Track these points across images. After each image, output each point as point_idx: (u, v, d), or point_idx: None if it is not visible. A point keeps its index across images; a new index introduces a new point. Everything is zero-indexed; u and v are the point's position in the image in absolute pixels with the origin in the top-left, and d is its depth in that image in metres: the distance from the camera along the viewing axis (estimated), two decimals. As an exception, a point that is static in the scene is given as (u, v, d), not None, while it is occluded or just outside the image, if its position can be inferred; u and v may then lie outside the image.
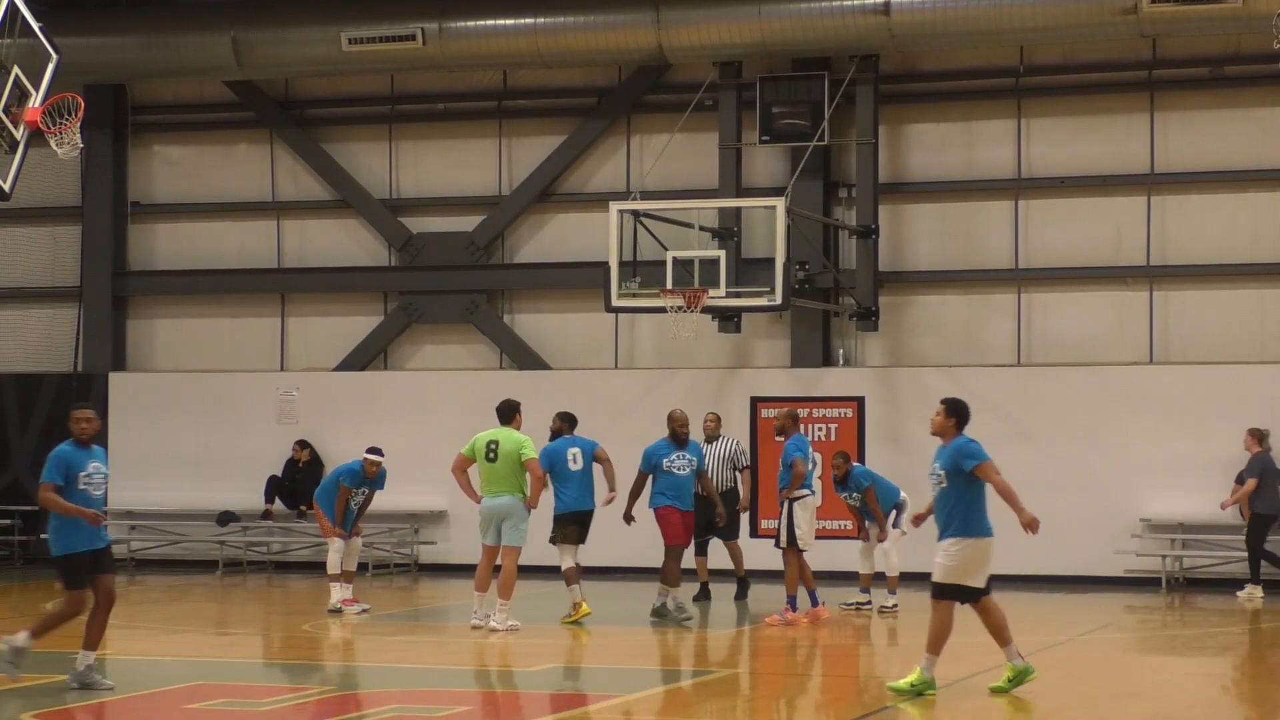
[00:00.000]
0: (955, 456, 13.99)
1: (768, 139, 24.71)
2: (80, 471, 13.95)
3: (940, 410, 14.24)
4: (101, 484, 14.12)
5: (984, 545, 14.03)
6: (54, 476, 13.89)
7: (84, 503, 13.94)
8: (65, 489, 13.89)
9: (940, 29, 23.47)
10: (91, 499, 14.01)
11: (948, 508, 13.97)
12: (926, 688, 13.83)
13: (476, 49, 25.06)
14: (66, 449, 14.04)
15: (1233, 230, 24.24)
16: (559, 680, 15.41)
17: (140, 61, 26.18)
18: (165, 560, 26.86)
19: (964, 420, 14.21)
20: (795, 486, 19.00)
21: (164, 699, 13.96)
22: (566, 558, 19.11)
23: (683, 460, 19.46)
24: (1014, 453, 23.98)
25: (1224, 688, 15.37)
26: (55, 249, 28.20)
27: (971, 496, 13.97)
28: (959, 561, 13.93)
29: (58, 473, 13.89)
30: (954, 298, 25.18)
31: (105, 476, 14.22)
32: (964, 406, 14.30)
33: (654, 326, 25.34)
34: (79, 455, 14.03)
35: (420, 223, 26.96)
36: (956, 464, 13.97)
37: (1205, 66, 24.36)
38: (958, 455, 13.99)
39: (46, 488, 13.88)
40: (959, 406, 14.27)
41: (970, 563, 13.97)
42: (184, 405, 26.92)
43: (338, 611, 19.84)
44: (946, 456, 14.03)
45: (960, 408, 14.26)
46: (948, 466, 13.98)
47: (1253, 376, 23.66)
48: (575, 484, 19.05)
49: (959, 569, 13.94)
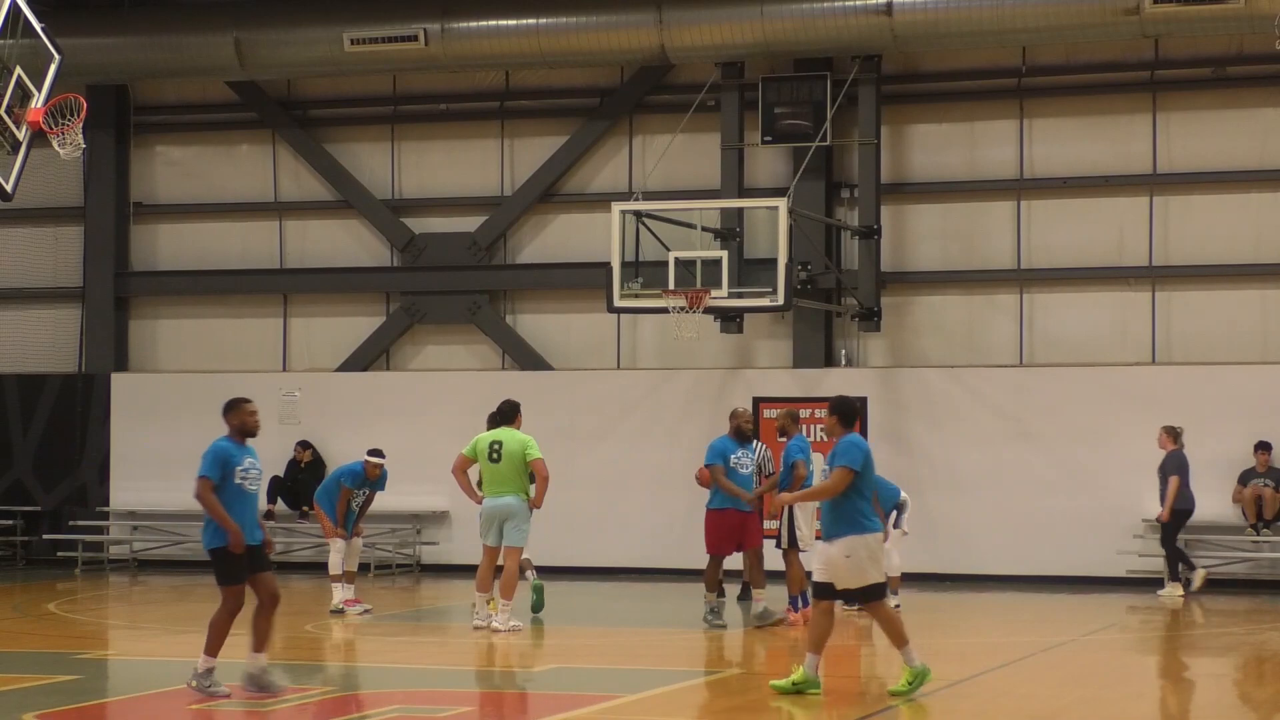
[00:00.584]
0: (836, 454, 13.84)
1: (770, 139, 24.71)
2: (237, 466, 13.73)
3: (827, 410, 14.14)
4: (257, 479, 13.90)
5: (875, 540, 13.85)
6: (211, 472, 13.65)
7: (239, 497, 13.71)
8: (222, 484, 13.66)
9: (942, 29, 23.46)
10: (247, 494, 13.81)
11: (828, 508, 13.81)
12: (809, 686, 13.73)
13: (479, 49, 25.06)
14: (225, 444, 13.80)
15: (1235, 231, 24.24)
16: (560, 680, 15.40)
17: (142, 62, 26.18)
18: (167, 560, 26.86)
19: (849, 418, 14.01)
20: (795, 488, 19.00)
21: (166, 699, 13.96)
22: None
23: (747, 458, 18.97)
24: (1016, 453, 24.08)
25: (1226, 689, 15.36)
26: (57, 249, 28.21)
27: (850, 497, 13.75)
28: (861, 562, 13.72)
29: (215, 468, 13.66)
30: (956, 298, 25.18)
31: (260, 472, 14.01)
32: (849, 404, 14.16)
33: (656, 327, 25.35)
34: (236, 450, 13.81)
35: (422, 223, 26.96)
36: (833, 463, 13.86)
37: (1208, 67, 24.36)
38: (837, 452, 13.84)
39: (204, 483, 13.63)
40: (843, 404, 14.11)
41: (864, 561, 13.77)
42: (186, 406, 26.89)
43: (340, 612, 19.85)
44: (832, 455, 13.89)
45: (844, 405, 14.10)
46: (832, 464, 13.85)
47: (1255, 377, 23.66)
48: None
49: (860, 569, 13.74)
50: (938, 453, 24.28)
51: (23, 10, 17.61)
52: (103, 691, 14.90)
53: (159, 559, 26.95)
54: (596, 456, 25.14)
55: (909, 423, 24.39)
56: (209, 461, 13.70)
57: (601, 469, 25.08)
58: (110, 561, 26.92)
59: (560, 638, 18.43)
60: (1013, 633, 19.25)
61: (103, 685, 15.37)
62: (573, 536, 24.66)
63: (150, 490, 26.87)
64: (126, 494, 27.07)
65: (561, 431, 24.51)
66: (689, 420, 24.79)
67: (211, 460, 13.71)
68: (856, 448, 13.86)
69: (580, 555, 24.78)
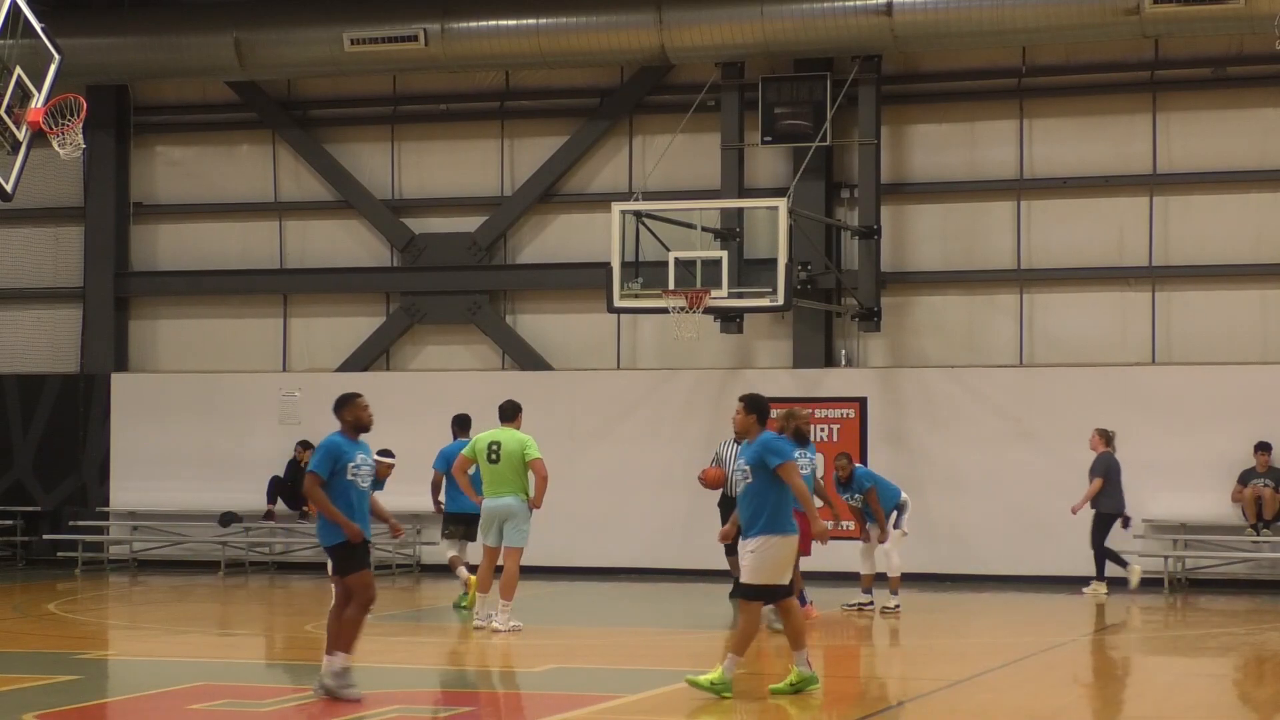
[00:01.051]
0: (761, 452, 13.66)
1: (770, 139, 24.71)
2: (349, 462, 13.59)
3: (740, 408, 13.91)
4: (369, 475, 13.75)
5: (790, 543, 13.72)
6: (320, 468, 13.50)
7: (348, 493, 13.52)
8: (333, 480, 13.50)
9: (942, 29, 23.46)
10: (360, 490, 13.64)
11: (754, 504, 13.62)
12: (724, 689, 13.57)
13: (479, 49, 25.06)
14: (337, 439, 13.68)
15: (1235, 231, 24.24)
16: (560, 680, 15.40)
17: (142, 62, 26.18)
18: (168, 561, 26.86)
19: (765, 416, 13.86)
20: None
21: (167, 699, 13.96)
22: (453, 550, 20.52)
23: (808, 461, 18.27)
24: (1016, 453, 24.08)
25: (1226, 689, 15.36)
26: (57, 250, 28.21)
27: (778, 493, 13.63)
28: (768, 560, 13.60)
29: (324, 464, 13.51)
30: (956, 298, 25.18)
31: (372, 468, 13.85)
32: (764, 402, 13.97)
33: (656, 327, 25.35)
34: (349, 446, 13.69)
35: (422, 223, 26.96)
36: (762, 459, 13.64)
37: (1208, 67, 24.36)
38: (764, 451, 13.66)
39: (314, 479, 13.48)
40: (758, 402, 13.93)
41: (780, 561, 13.66)
42: (186, 406, 26.92)
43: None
44: (751, 452, 13.70)
45: (760, 403, 13.92)
46: (753, 461, 13.64)
47: (1255, 377, 23.66)
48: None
49: (769, 568, 13.63)
50: (938, 453, 24.29)
51: (23, 10, 17.61)
52: (103, 692, 14.89)
53: (159, 559, 26.96)
54: (596, 457, 25.14)
55: (909, 423, 24.40)
56: (319, 458, 13.53)
57: (601, 469, 25.08)
58: (110, 562, 26.92)
59: (560, 638, 18.42)
60: (1013, 633, 19.25)
61: (103, 685, 15.36)
62: (572, 537, 24.66)
63: (150, 490, 26.89)
64: (126, 494, 27.07)
65: (561, 432, 24.51)
66: (689, 420, 24.80)
67: (322, 456, 13.53)
68: (784, 442, 13.80)
69: (580, 555, 24.78)
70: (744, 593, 13.82)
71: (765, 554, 13.60)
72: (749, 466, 13.68)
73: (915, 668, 16.65)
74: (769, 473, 13.62)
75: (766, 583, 13.68)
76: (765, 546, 13.58)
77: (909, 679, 15.91)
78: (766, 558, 13.60)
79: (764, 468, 13.62)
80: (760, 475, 13.62)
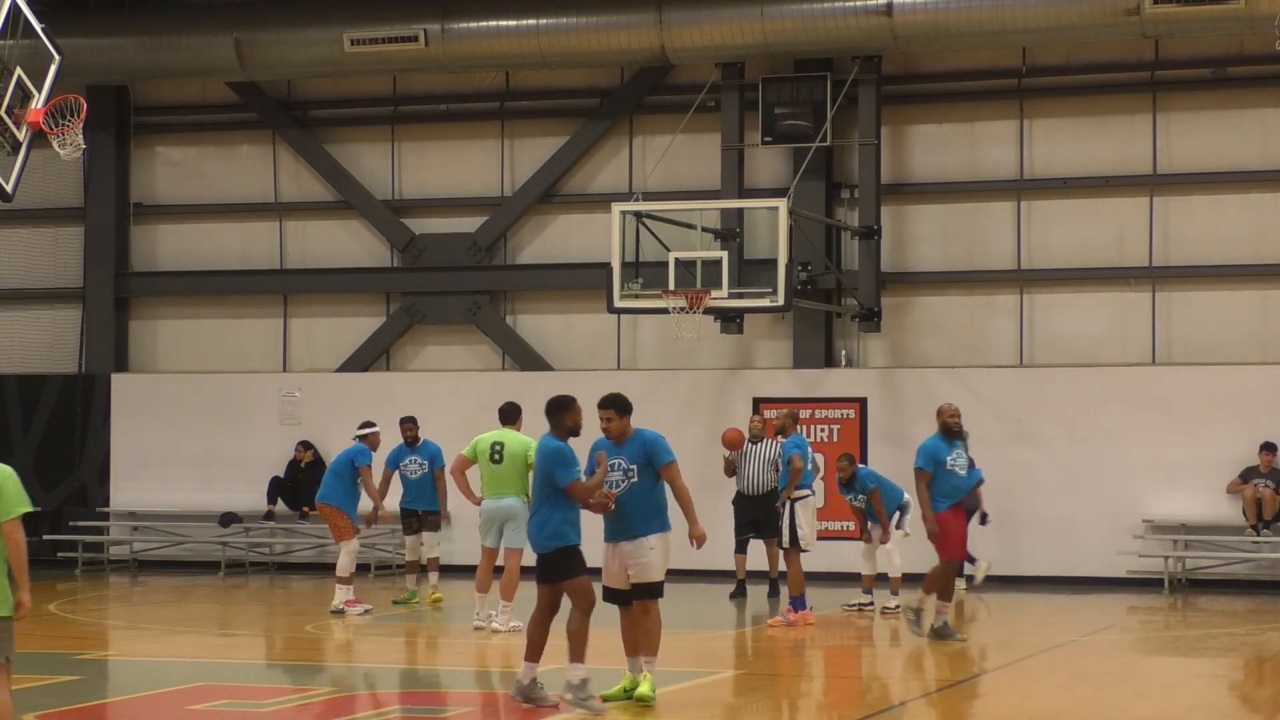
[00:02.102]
0: (650, 450, 13.39)
1: (770, 140, 24.71)
2: (576, 465, 13.29)
3: (610, 414, 13.56)
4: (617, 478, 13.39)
5: (669, 542, 13.50)
6: (573, 472, 13.14)
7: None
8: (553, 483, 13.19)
9: (942, 30, 23.46)
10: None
11: (643, 503, 13.31)
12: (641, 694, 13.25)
13: (479, 50, 25.06)
14: (555, 443, 13.29)
15: (1236, 231, 24.24)
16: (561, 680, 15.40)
17: (143, 62, 26.18)
18: (168, 561, 26.86)
19: (630, 412, 13.64)
20: (794, 483, 19.07)
21: (167, 700, 13.96)
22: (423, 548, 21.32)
23: (961, 458, 17.59)
24: (1016, 453, 24.06)
25: (1227, 689, 15.36)
26: (57, 250, 28.21)
27: (661, 490, 13.44)
28: (662, 559, 13.34)
29: (568, 468, 13.16)
30: (956, 298, 25.18)
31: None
32: (627, 400, 13.75)
33: (656, 327, 25.34)
34: (569, 451, 13.29)
35: (422, 224, 26.96)
36: (650, 457, 13.38)
37: (1208, 67, 24.35)
38: (653, 449, 13.40)
39: (576, 486, 13.13)
40: (625, 401, 13.71)
41: (667, 559, 13.44)
42: (186, 406, 26.92)
43: (340, 613, 19.85)
44: (636, 450, 13.36)
45: (627, 403, 13.72)
46: (639, 460, 13.35)
47: (1255, 377, 23.65)
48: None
49: (662, 566, 13.38)
50: (938, 453, 24.24)
51: (23, 11, 17.59)
52: (103, 692, 14.90)
53: (159, 559, 26.95)
54: (597, 457, 25.09)
55: (909, 423, 24.34)
56: (564, 461, 13.21)
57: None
58: (110, 562, 26.92)
59: (561, 638, 18.39)
60: (1013, 633, 19.25)
61: (103, 686, 15.37)
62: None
63: (150, 491, 26.88)
64: (127, 494, 27.07)
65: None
66: (689, 421, 24.76)
67: (556, 459, 13.22)
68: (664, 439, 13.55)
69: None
70: (652, 592, 13.40)
71: (664, 552, 13.33)
72: (636, 465, 13.36)
73: (915, 668, 16.64)
74: (655, 471, 13.37)
75: (662, 580, 13.43)
76: (664, 544, 13.33)
77: (909, 679, 15.91)
78: (664, 555, 13.34)
79: (651, 466, 13.36)
80: (648, 474, 13.35)
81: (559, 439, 13.45)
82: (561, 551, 13.18)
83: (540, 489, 13.33)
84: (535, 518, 13.32)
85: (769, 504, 20.66)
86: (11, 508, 10.20)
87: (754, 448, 21.44)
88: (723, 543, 22.78)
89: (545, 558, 13.24)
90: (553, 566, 13.20)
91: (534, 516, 13.35)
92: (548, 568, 13.23)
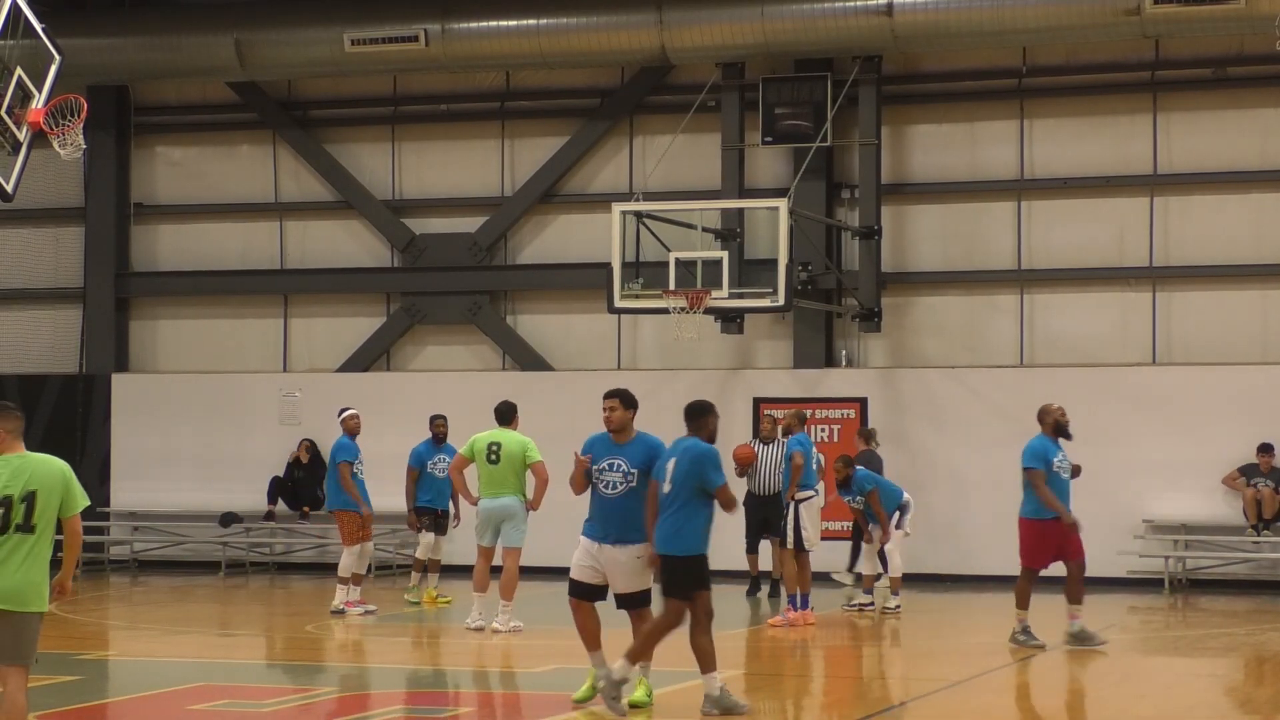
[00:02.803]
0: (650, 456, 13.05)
1: (770, 140, 24.71)
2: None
3: (614, 403, 13.29)
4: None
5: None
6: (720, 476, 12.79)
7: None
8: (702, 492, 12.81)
9: (943, 30, 23.46)
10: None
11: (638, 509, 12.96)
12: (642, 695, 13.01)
13: (479, 50, 25.07)
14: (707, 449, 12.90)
15: (1236, 231, 24.24)
16: (560, 680, 15.41)
17: (143, 62, 26.19)
18: (168, 561, 26.87)
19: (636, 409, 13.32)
20: (795, 481, 19.10)
21: (167, 700, 13.96)
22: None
23: (1066, 461, 17.18)
24: (1017, 454, 23.92)
25: (1227, 689, 15.36)
26: (58, 250, 28.22)
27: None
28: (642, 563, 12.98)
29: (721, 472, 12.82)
30: (956, 299, 25.18)
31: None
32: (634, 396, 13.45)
33: (656, 328, 25.34)
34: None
35: (423, 224, 26.97)
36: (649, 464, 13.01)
37: (1208, 67, 24.36)
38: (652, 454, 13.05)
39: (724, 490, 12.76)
40: (631, 396, 13.42)
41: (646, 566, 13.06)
42: (187, 406, 26.93)
43: (340, 613, 19.85)
44: (639, 454, 13.06)
45: (633, 397, 13.42)
46: (640, 465, 13.02)
47: (1256, 377, 23.66)
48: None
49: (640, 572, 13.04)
50: (938, 453, 24.29)
51: (23, 11, 17.61)
52: (103, 692, 14.90)
53: (159, 559, 26.96)
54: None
55: (909, 423, 24.39)
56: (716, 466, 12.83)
57: (602, 469, 25.01)
58: (111, 562, 26.93)
59: (561, 638, 18.39)
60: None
61: (103, 686, 15.36)
62: (573, 537, 24.58)
63: (151, 491, 26.89)
64: (127, 494, 27.08)
65: (562, 433, 24.41)
66: (690, 421, 24.78)
67: (711, 461, 12.81)
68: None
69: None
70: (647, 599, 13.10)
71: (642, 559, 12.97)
72: (635, 470, 13.04)
73: (916, 668, 16.65)
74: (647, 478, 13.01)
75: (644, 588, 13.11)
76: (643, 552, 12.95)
77: (910, 679, 15.91)
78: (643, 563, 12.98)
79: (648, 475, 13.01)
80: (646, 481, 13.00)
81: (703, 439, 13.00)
82: (697, 560, 12.77)
83: (684, 491, 12.77)
84: (673, 519, 12.75)
85: (779, 504, 20.72)
86: (77, 503, 10.71)
87: (764, 449, 21.48)
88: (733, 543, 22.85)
89: (679, 561, 12.72)
90: (687, 575, 12.72)
91: (671, 518, 12.77)
92: (682, 575, 12.72)
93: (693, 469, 12.77)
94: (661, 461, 12.97)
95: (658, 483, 12.92)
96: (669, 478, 12.84)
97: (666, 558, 12.77)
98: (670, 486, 12.81)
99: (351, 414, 20.41)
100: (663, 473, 12.89)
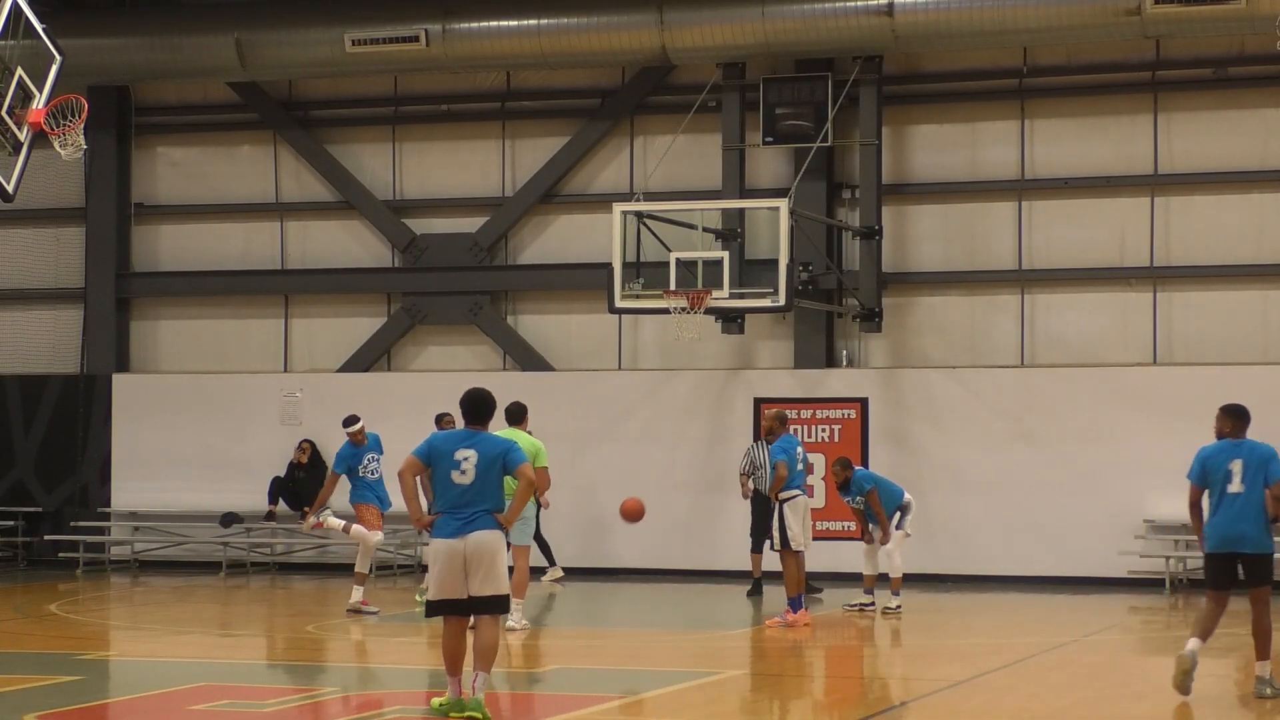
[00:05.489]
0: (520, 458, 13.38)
1: (771, 140, 24.72)
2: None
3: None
4: None
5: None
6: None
7: None
8: None
9: (944, 30, 23.47)
10: None
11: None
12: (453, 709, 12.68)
13: (480, 50, 25.07)
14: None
15: (1237, 231, 24.24)
16: (562, 681, 15.41)
17: (144, 63, 26.19)
18: (169, 561, 26.87)
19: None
20: (778, 488, 19.06)
21: (168, 700, 13.96)
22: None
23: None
24: (1017, 453, 24.07)
25: (1226, 689, 15.35)
26: (59, 250, 28.22)
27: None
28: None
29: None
30: (957, 299, 25.18)
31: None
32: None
33: (657, 328, 25.35)
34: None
35: (423, 224, 26.97)
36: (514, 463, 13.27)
37: (1209, 67, 24.36)
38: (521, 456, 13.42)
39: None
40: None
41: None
42: (188, 406, 26.93)
43: (357, 611, 19.86)
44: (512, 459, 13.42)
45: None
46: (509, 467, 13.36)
47: (1256, 377, 23.62)
48: None
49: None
50: (939, 453, 24.28)
51: (24, 11, 17.61)
52: (104, 692, 14.90)
53: (160, 560, 26.96)
54: (598, 457, 25.12)
55: (910, 423, 24.39)
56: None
57: (603, 470, 25.05)
58: (111, 562, 26.92)
59: (562, 638, 18.42)
60: (1014, 634, 19.24)
61: (104, 686, 15.37)
62: (573, 538, 24.67)
63: (152, 491, 26.89)
64: (128, 495, 27.08)
65: (563, 433, 24.49)
66: (690, 421, 24.81)
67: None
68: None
69: (581, 556, 24.76)
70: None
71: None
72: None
73: (916, 668, 16.65)
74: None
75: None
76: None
77: (910, 679, 15.91)
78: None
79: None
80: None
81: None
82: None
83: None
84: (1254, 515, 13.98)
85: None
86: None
87: (769, 448, 21.43)
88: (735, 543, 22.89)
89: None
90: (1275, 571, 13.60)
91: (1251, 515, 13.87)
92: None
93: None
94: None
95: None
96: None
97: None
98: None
99: (356, 429, 20.54)
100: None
